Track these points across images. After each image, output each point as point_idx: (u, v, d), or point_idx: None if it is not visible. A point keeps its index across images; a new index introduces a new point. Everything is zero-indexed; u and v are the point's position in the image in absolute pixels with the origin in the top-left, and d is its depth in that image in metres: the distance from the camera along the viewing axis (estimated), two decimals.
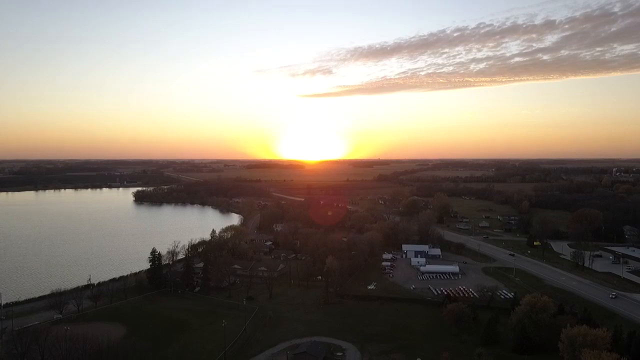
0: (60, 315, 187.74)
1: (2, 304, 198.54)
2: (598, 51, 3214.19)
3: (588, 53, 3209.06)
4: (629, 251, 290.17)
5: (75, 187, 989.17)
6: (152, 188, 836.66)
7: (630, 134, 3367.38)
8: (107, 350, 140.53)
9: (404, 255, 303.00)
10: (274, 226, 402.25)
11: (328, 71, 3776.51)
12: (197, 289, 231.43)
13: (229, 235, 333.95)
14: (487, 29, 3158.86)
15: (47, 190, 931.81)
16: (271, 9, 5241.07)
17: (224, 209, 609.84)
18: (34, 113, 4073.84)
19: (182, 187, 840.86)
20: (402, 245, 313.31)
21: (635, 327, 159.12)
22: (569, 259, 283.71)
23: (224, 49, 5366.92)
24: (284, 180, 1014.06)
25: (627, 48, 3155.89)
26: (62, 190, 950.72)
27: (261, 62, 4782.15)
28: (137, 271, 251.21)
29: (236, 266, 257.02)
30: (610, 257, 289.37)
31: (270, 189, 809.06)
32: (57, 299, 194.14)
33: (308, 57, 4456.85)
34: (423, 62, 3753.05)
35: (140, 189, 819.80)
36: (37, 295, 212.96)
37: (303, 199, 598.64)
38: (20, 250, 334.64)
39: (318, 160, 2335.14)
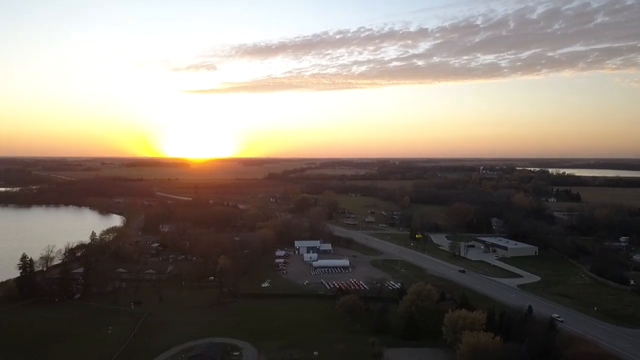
0: None
1: None
2: (465, 59, 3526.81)
3: (456, 60, 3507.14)
4: (496, 240, 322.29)
5: None
6: (17, 188, 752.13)
7: (493, 136, 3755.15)
8: None
9: (296, 252, 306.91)
10: (160, 227, 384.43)
11: (212, 67, 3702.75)
12: (78, 295, 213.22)
13: (112, 238, 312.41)
14: (367, 33, 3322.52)
15: None
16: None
17: (104, 210, 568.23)
18: None
19: (54, 187, 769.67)
20: (295, 242, 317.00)
21: (504, 308, 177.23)
22: (447, 249, 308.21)
23: (99, 39, 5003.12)
24: (169, 179, 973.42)
25: (488, 58, 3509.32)
26: None
27: (140, 55, 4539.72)
28: (5, 280, 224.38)
29: (121, 270, 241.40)
30: (482, 247, 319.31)
31: (154, 188, 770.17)
32: None
33: (191, 51, 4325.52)
34: (308, 62, 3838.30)
35: (3, 189, 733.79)
36: None
37: (190, 198, 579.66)
38: None
39: (205, 159, 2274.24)
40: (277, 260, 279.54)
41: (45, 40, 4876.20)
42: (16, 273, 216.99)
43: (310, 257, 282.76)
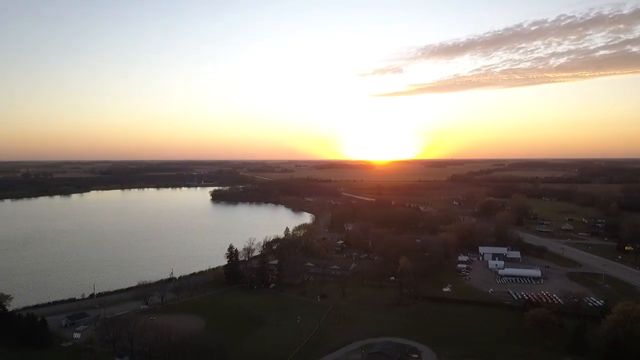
0: (146, 306, 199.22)
1: (95, 294, 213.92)
2: None
3: None
4: None
5: (157, 186, 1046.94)
6: (227, 187, 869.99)
7: None
8: (189, 341, 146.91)
9: (480, 258, 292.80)
10: (345, 225, 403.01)
11: (398, 70, 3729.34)
12: (272, 285, 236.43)
13: (302, 234, 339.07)
14: (568, 21, 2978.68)
15: (132, 189, 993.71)
16: (338, 10, 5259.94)
17: (296, 208, 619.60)
18: (121, 117, 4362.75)
19: (256, 186, 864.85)
20: (479, 247, 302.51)
21: None
22: None
23: (295, 50, 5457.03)
24: (354, 181, 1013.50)
25: None
26: (145, 189, 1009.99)
27: (330, 63, 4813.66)
28: (216, 266, 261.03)
29: (309, 264, 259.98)
30: None
31: (341, 189, 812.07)
32: (143, 291, 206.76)
33: (377, 56, 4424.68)
34: (498, 59, 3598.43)
35: (216, 188, 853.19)
36: (125, 287, 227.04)
37: (374, 199, 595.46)
38: (111, 244, 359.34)
39: (388, 161, 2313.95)
40: (459, 265, 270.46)
41: (241, 51, 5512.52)
42: (225, 261, 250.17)
43: (496, 265, 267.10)
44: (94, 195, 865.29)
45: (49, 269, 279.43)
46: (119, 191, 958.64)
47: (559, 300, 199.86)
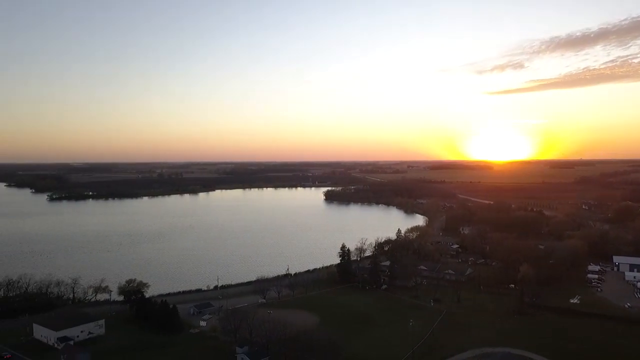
0: (264, 300, 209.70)
1: (219, 286, 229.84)
2: None
3: None
4: None
5: (275, 186, 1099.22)
6: (340, 188, 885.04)
7: None
8: (303, 336, 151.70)
9: (615, 268, 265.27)
10: (460, 229, 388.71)
11: (519, 65, 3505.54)
12: (384, 286, 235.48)
13: (414, 236, 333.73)
14: None
15: (252, 189, 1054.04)
16: (453, 4, 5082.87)
17: (408, 209, 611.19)
18: (243, 121, 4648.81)
19: (368, 187, 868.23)
20: (613, 257, 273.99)
21: None
22: None
23: (407, 48, 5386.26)
24: (471, 182, 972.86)
25: None
26: (264, 188, 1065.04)
27: (444, 61, 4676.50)
28: (329, 265, 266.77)
29: (422, 267, 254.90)
30: None
31: (456, 191, 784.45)
32: (261, 285, 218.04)
33: (496, 51, 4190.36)
34: (637, 48, 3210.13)
35: (330, 188, 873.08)
36: (245, 281, 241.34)
37: (492, 202, 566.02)
38: (233, 240, 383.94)
39: (508, 161, 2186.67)
40: (589, 275, 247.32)
41: (356, 54, 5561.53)
42: (337, 260, 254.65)
43: (635, 277, 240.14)
44: (218, 194, 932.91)
45: (179, 261, 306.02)
46: (240, 190, 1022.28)
47: None
